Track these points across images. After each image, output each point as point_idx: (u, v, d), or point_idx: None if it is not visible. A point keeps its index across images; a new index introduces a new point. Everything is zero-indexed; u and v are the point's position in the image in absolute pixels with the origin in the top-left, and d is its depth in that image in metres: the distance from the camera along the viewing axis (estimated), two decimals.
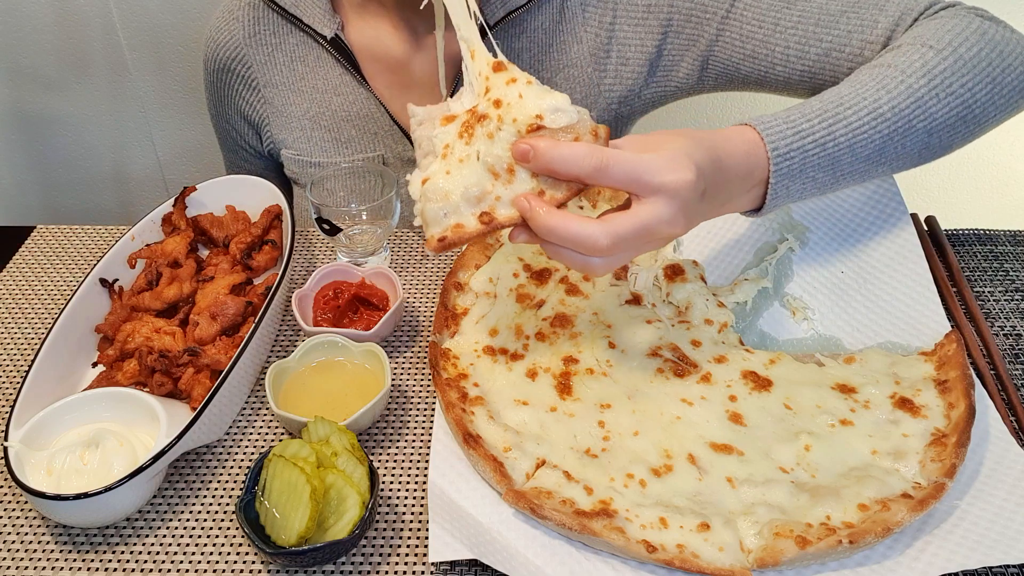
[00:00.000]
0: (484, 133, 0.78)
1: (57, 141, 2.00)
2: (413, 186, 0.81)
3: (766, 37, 1.07)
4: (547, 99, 0.77)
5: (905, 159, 0.94)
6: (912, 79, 0.91)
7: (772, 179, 0.87)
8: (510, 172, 0.78)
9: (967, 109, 0.93)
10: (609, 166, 0.75)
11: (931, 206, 1.40)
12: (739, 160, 0.85)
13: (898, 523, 0.74)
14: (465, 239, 0.79)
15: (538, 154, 0.76)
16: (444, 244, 0.79)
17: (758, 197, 0.89)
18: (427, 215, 0.80)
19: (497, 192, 0.78)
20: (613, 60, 1.18)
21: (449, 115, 0.82)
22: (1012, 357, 0.97)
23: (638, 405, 0.88)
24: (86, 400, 0.85)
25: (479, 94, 0.81)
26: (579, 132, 0.77)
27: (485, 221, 0.78)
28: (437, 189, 0.79)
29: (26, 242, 1.16)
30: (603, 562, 0.75)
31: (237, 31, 1.21)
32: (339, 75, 1.20)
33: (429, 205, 0.79)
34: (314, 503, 0.74)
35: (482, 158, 0.78)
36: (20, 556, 0.79)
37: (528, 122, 0.77)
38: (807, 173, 0.89)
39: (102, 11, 1.80)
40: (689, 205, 0.77)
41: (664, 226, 0.77)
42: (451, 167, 0.79)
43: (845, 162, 0.90)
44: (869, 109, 0.89)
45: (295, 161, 1.24)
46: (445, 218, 0.79)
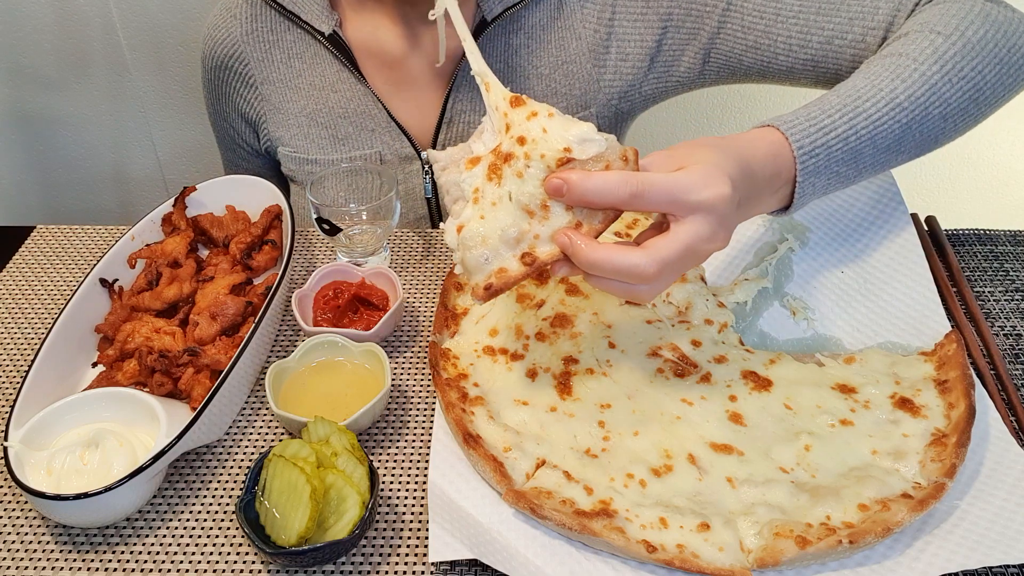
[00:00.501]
0: (513, 172, 0.77)
1: (57, 141, 2.00)
2: (449, 235, 0.80)
3: (768, 27, 1.07)
4: (573, 130, 0.76)
5: (922, 146, 0.95)
6: (925, 66, 0.91)
7: (799, 177, 0.87)
8: (544, 208, 0.77)
9: (978, 91, 0.94)
10: (645, 192, 0.74)
11: (931, 206, 1.40)
12: (766, 163, 0.85)
13: (898, 523, 0.74)
14: (511, 283, 0.78)
15: (572, 188, 0.75)
16: (491, 292, 0.78)
17: (786, 196, 0.90)
18: (468, 263, 0.79)
19: (535, 230, 0.77)
20: (612, 56, 1.18)
21: (473, 157, 0.80)
22: (1012, 357, 0.97)
23: (638, 405, 0.88)
24: (86, 400, 0.85)
25: (499, 131, 0.80)
26: (609, 159, 0.76)
27: (528, 262, 0.78)
28: (475, 235, 0.78)
29: (26, 242, 1.15)
30: (603, 562, 0.75)
31: (234, 28, 1.21)
32: (336, 72, 1.20)
33: (469, 253, 0.78)
34: (314, 503, 0.74)
35: (515, 198, 0.77)
36: (20, 556, 0.79)
37: (557, 156, 0.76)
38: (832, 168, 0.89)
39: (102, 11, 1.80)
40: (727, 218, 0.78)
41: (705, 243, 0.77)
42: (485, 211, 0.78)
43: (867, 154, 0.91)
44: (887, 100, 0.90)
45: (292, 159, 1.24)
46: (487, 263, 0.78)
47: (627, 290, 0.77)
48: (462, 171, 0.80)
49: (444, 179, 0.81)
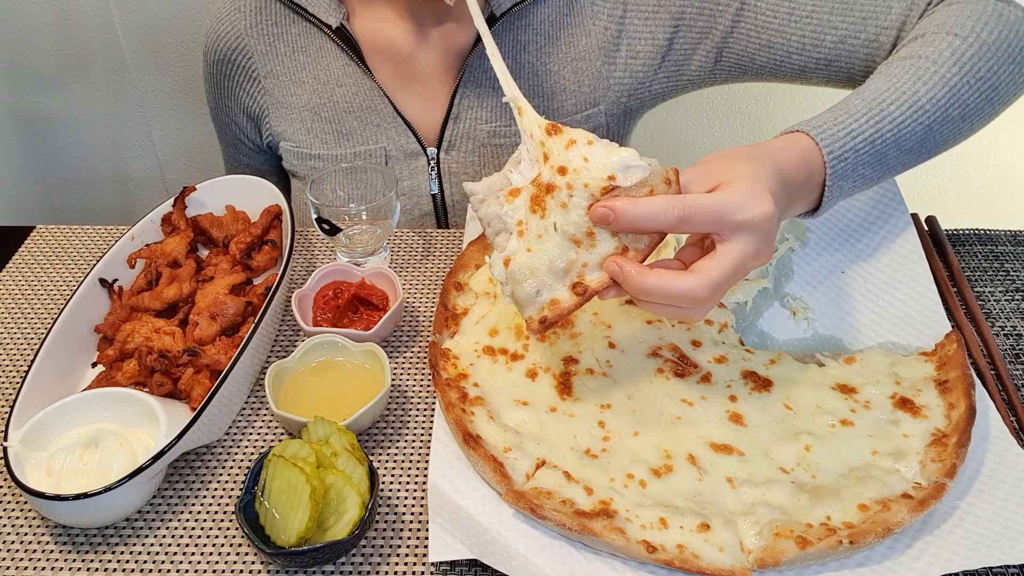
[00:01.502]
0: (557, 204, 0.77)
1: (57, 141, 2.00)
2: (496, 269, 0.80)
3: (781, 26, 1.07)
4: (615, 157, 0.76)
5: (941, 146, 0.97)
6: (944, 68, 0.92)
7: (828, 181, 0.88)
8: (590, 236, 0.77)
9: (994, 91, 0.96)
10: (692, 216, 0.75)
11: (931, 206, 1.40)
12: (798, 168, 0.86)
13: (898, 523, 0.74)
14: (565, 314, 0.78)
15: (619, 216, 0.75)
16: (546, 324, 0.78)
17: (814, 200, 0.91)
18: (519, 297, 0.79)
19: (583, 259, 0.78)
20: (623, 53, 1.17)
21: (513, 189, 0.80)
22: (1012, 357, 0.97)
23: (638, 405, 0.87)
24: (86, 400, 0.85)
25: (537, 160, 0.79)
26: (652, 183, 0.76)
27: (579, 292, 0.78)
28: (523, 268, 0.78)
29: (26, 242, 1.15)
30: (603, 562, 0.75)
31: (238, 21, 1.20)
32: (342, 66, 1.20)
33: (519, 287, 0.78)
34: (314, 503, 0.74)
35: (560, 228, 0.77)
36: (20, 556, 0.79)
37: (601, 185, 0.76)
38: (858, 171, 0.90)
39: (102, 11, 1.80)
40: (771, 234, 0.78)
41: (752, 260, 0.77)
42: (531, 243, 0.78)
43: (891, 156, 0.92)
44: (910, 103, 0.91)
45: (294, 154, 1.24)
46: (539, 296, 0.78)
47: (679, 314, 0.78)
48: (502, 203, 0.80)
49: (484, 212, 0.81)
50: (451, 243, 1.15)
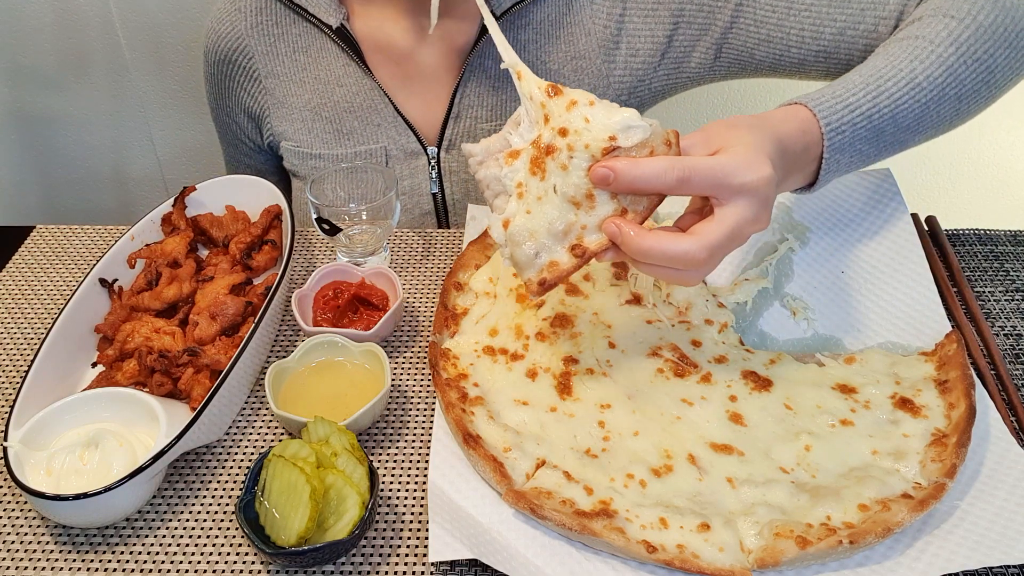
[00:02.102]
0: (557, 165, 0.77)
1: (57, 141, 2.00)
2: (495, 230, 0.80)
3: (780, 20, 1.08)
4: (616, 117, 0.76)
5: (938, 126, 0.97)
6: (941, 48, 0.93)
7: (826, 154, 0.89)
8: (590, 198, 0.77)
9: (990, 74, 0.96)
10: (691, 177, 0.75)
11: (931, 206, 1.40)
12: (796, 139, 0.87)
13: (898, 523, 0.74)
14: (564, 276, 0.79)
15: (619, 176, 0.76)
16: (545, 286, 0.79)
17: (811, 174, 0.92)
18: (518, 259, 0.79)
19: (582, 221, 0.78)
20: (623, 51, 1.18)
21: (512, 151, 0.80)
22: (1012, 357, 0.97)
23: (638, 405, 0.87)
24: (86, 400, 0.85)
25: (537, 122, 0.79)
26: (653, 145, 0.77)
27: (578, 254, 0.78)
28: (522, 231, 0.78)
29: (26, 242, 1.15)
30: (603, 562, 0.75)
31: (239, 22, 1.21)
32: (343, 65, 1.20)
33: (518, 249, 0.79)
34: (314, 503, 0.74)
35: (560, 191, 0.77)
36: (20, 556, 0.79)
37: (602, 146, 0.76)
38: (855, 146, 0.91)
39: (102, 11, 1.80)
40: (769, 199, 0.79)
41: (750, 225, 0.78)
42: (530, 205, 0.79)
43: (888, 133, 0.93)
44: (907, 80, 0.92)
45: (295, 153, 1.24)
46: (538, 258, 0.79)
47: (677, 276, 0.79)
48: (501, 165, 0.80)
49: (483, 174, 0.81)
50: (451, 243, 1.15)
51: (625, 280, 1.01)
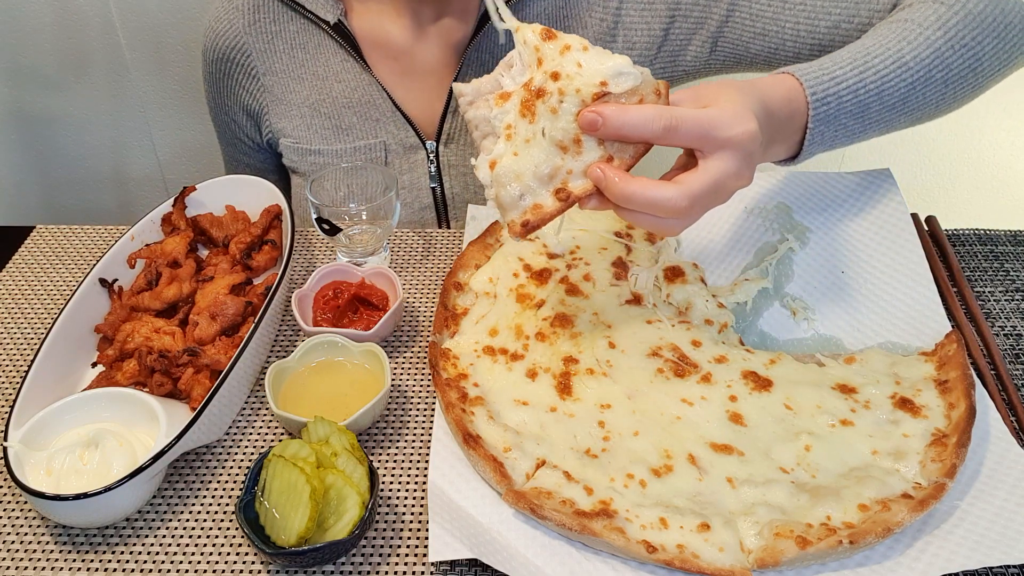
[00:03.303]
0: (547, 109, 0.78)
1: (57, 141, 2.00)
2: (481, 171, 0.81)
3: (776, 14, 1.08)
4: (609, 63, 0.78)
5: (924, 109, 0.98)
6: (929, 31, 0.95)
7: (810, 124, 0.91)
8: (577, 143, 0.78)
9: (977, 61, 0.98)
10: (678, 126, 0.77)
11: (931, 206, 1.40)
12: (782, 106, 0.88)
13: (898, 523, 0.74)
14: (547, 219, 0.79)
15: (607, 121, 0.77)
16: (528, 228, 0.80)
17: (795, 145, 0.93)
18: (503, 200, 0.80)
19: (568, 166, 0.79)
20: (619, 45, 1.18)
21: (503, 93, 0.81)
22: (1012, 357, 0.97)
23: (638, 405, 0.87)
24: (86, 400, 0.85)
25: (529, 65, 0.80)
26: (643, 93, 0.78)
27: (562, 197, 0.79)
28: (508, 172, 0.79)
29: (26, 242, 1.15)
30: (603, 562, 0.75)
31: (237, 20, 1.21)
32: (341, 61, 1.20)
33: (503, 190, 0.79)
34: (314, 503, 0.74)
35: (548, 134, 0.78)
36: (20, 556, 0.79)
37: (593, 91, 0.77)
38: (840, 120, 0.92)
39: (102, 11, 1.80)
40: (753, 156, 0.81)
41: (733, 179, 0.79)
42: (518, 148, 0.79)
43: (874, 110, 0.94)
44: (894, 58, 0.93)
45: (294, 150, 1.24)
46: (522, 200, 0.79)
47: (658, 224, 0.80)
48: (491, 106, 0.81)
49: (472, 114, 0.82)
50: (451, 243, 1.15)
51: (625, 280, 1.01)
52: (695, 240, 1.08)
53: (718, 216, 1.10)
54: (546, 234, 1.06)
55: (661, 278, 1.01)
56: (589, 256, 1.04)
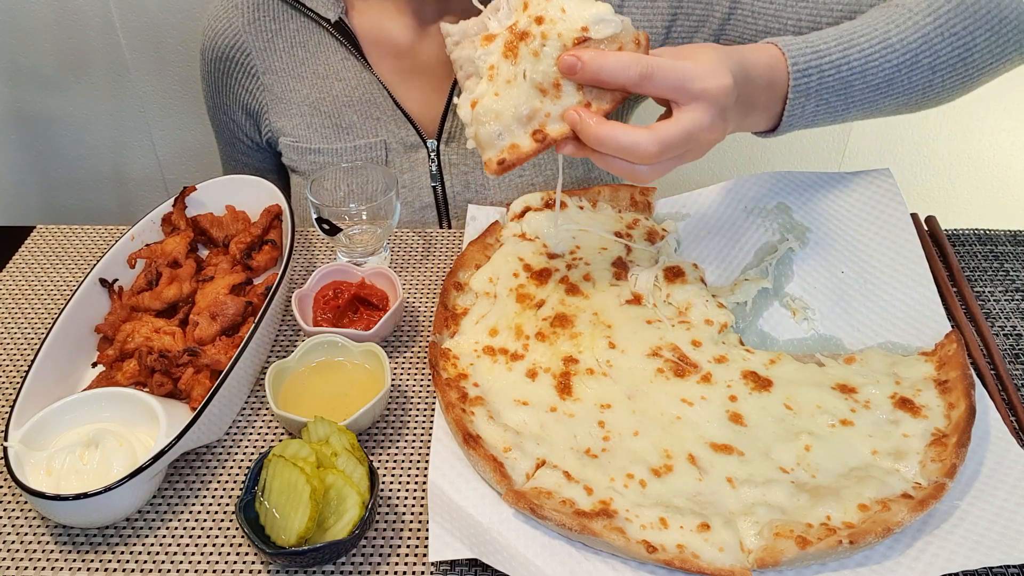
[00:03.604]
0: (529, 51, 0.81)
1: (57, 141, 2.00)
2: (463, 110, 0.84)
3: (777, 12, 1.09)
4: (591, 9, 0.80)
5: (910, 95, 0.99)
6: (919, 17, 0.96)
7: (791, 95, 0.92)
8: (557, 87, 0.81)
9: (968, 51, 0.98)
10: (654, 74, 0.79)
11: (931, 206, 1.40)
12: (763, 71, 0.90)
13: (898, 523, 0.74)
14: (523, 159, 0.82)
15: (585, 65, 0.79)
16: (504, 166, 0.82)
17: (775, 115, 0.95)
18: (481, 139, 0.82)
19: (547, 109, 0.81)
20: None
21: (488, 34, 0.83)
22: (1012, 357, 0.97)
23: (638, 405, 0.87)
24: (86, 400, 0.85)
25: (515, 8, 0.82)
26: (623, 41, 0.80)
27: (539, 139, 0.82)
28: (488, 111, 0.81)
29: (26, 242, 1.15)
30: (603, 562, 0.75)
31: (236, 19, 1.21)
32: (341, 60, 1.20)
33: (482, 128, 0.82)
34: (314, 503, 0.74)
35: (529, 76, 0.81)
36: (20, 556, 0.79)
37: (574, 36, 0.80)
38: (822, 95, 0.94)
39: (102, 11, 1.80)
40: (727, 111, 0.82)
41: (705, 132, 0.81)
42: (499, 88, 0.82)
43: (857, 88, 0.95)
44: (880, 39, 0.95)
45: (294, 148, 1.24)
46: (500, 140, 0.82)
47: (629, 169, 0.82)
48: (476, 47, 0.83)
49: (457, 54, 0.84)
50: (451, 243, 1.15)
51: (625, 280, 1.01)
52: (695, 240, 1.08)
53: (718, 216, 1.10)
54: (546, 234, 1.06)
55: (661, 278, 1.01)
56: (589, 256, 1.04)
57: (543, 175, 1.23)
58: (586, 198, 1.11)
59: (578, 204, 1.10)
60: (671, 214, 1.12)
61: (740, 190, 1.11)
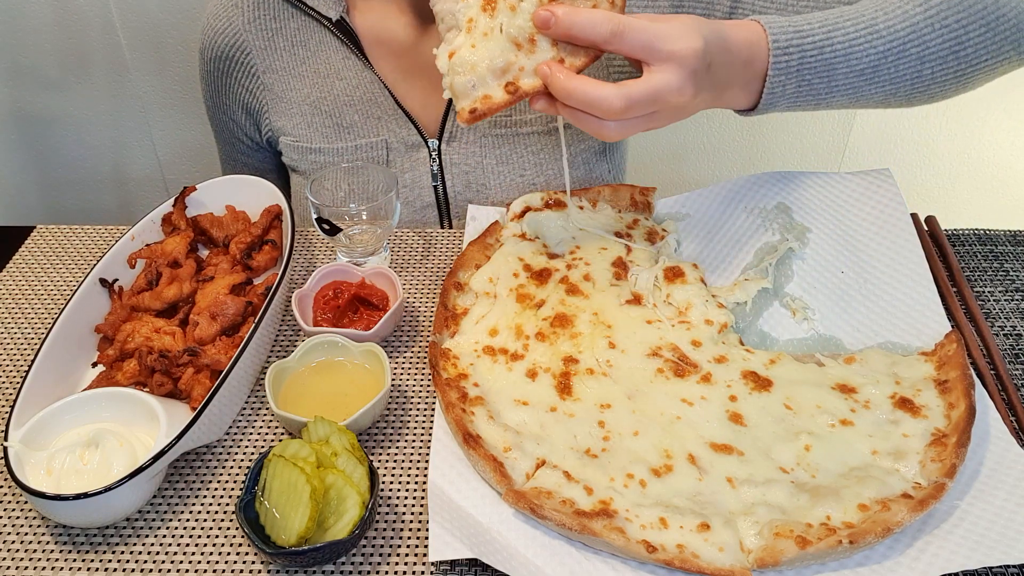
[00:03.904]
0: (506, 6, 0.84)
1: (57, 141, 2.00)
2: (440, 60, 0.86)
3: (778, 11, 1.09)
4: None
5: (898, 84, 0.99)
6: (908, 5, 0.96)
7: (770, 71, 0.92)
8: (532, 42, 0.83)
9: (959, 44, 0.98)
10: (624, 32, 0.81)
11: (931, 206, 1.40)
12: (742, 46, 0.91)
13: (898, 523, 0.74)
14: (494, 110, 0.85)
15: (558, 20, 0.81)
16: (475, 115, 0.85)
17: (755, 92, 0.95)
18: (456, 88, 0.85)
19: (521, 63, 0.84)
20: None
21: None
22: (1012, 357, 0.97)
23: (638, 405, 0.88)
24: (86, 400, 0.85)
25: None
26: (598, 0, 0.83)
27: (511, 91, 0.84)
28: (464, 62, 0.84)
29: (26, 242, 1.15)
30: (603, 562, 0.75)
31: (236, 17, 1.21)
32: (342, 59, 1.20)
33: (458, 78, 0.84)
34: (314, 503, 0.74)
35: (505, 30, 0.83)
36: (20, 556, 0.79)
37: None
38: (803, 75, 0.94)
39: (102, 11, 1.80)
40: (697, 74, 0.83)
41: (674, 94, 0.82)
42: (476, 40, 0.84)
43: (840, 72, 0.95)
44: (866, 25, 0.95)
45: (294, 148, 1.24)
46: (474, 90, 0.85)
47: (597, 125, 0.84)
48: (459, 1, 0.86)
49: (439, 7, 0.87)
50: (451, 243, 1.15)
51: (625, 280, 1.01)
52: (695, 240, 1.08)
53: (718, 216, 1.10)
54: (545, 234, 1.06)
55: (661, 278, 1.01)
56: (589, 256, 1.04)
57: (544, 175, 1.23)
58: (586, 198, 1.11)
59: (578, 204, 1.10)
60: (671, 214, 1.12)
61: (740, 190, 1.11)
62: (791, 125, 2.01)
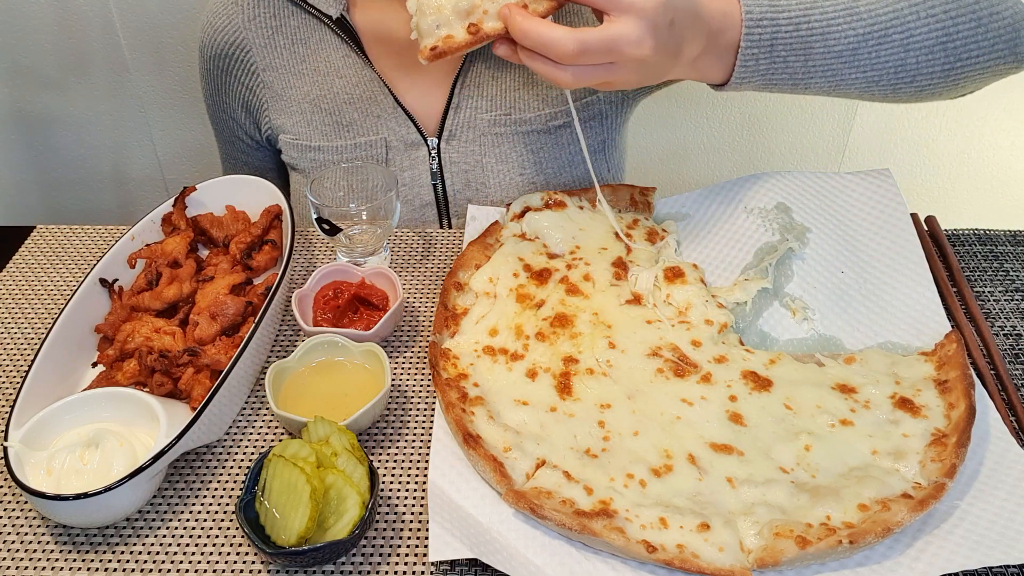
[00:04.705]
0: None
1: (57, 141, 2.00)
2: (410, 2, 0.88)
3: None
4: None
5: (880, 71, 0.98)
6: None
7: (743, 43, 0.92)
8: None
9: (947, 36, 0.97)
10: None
11: (931, 206, 1.40)
12: (714, 14, 0.90)
13: (898, 523, 0.74)
14: (455, 50, 0.87)
15: None
16: (436, 53, 0.87)
17: (728, 66, 0.94)
18: (421, 28, 0.88)
19: (484, 6, 0.86)
20: None
21: None
22: (1012, 357, 0.97)
23: (638, 405, 0.88)
24: (86, 400, 0.85)
25: None
26: None
27: (472, 31, 0.86)
28: (431, 4, 0.87)
29: (26, 242, 1.15)
30: (603, 562, 0.75)
31: (236, 15, 1.20)
32: (342, 56, 1.20)
33: (424, 19, 0.87)
34: (314, 503, 0.74)
35: None
36: (20, 556, 0.79)
37: None
38: (777, 51, 0.93)
39: (102, 11, 1.80)
40: (658, 29, 0.83)
41: (631, 45, 0.82)
42: None
43: (818, 52, 0.94)
44: (846, 6, 0.94)
45: (294, 146, 1.24)
46: (438, 30, 0.87)
47: (552, 71, 0.84)
48: None
49: None
50: (451, 243, 1.15)
51: (625, 280, 1.01)
52: (695, 240, 1.08)
53: (718, 216, 1.10)
54: (545, 234, 1.06)
55: (661, 278, 1.01)
56: (589, 256, 1.04)
57: (543, 175, 1.23)
58: (586, 198, 1.11)
59: (578, 204, 1.10)
60: (671, 214, 1.12)
61: (740, 190, 1.12)
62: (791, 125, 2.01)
